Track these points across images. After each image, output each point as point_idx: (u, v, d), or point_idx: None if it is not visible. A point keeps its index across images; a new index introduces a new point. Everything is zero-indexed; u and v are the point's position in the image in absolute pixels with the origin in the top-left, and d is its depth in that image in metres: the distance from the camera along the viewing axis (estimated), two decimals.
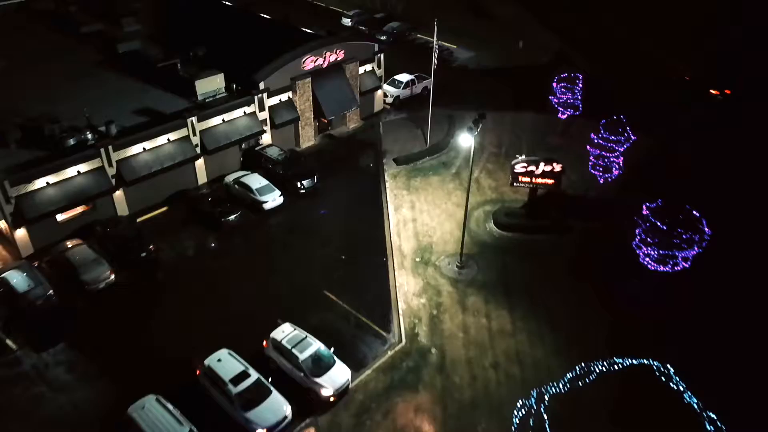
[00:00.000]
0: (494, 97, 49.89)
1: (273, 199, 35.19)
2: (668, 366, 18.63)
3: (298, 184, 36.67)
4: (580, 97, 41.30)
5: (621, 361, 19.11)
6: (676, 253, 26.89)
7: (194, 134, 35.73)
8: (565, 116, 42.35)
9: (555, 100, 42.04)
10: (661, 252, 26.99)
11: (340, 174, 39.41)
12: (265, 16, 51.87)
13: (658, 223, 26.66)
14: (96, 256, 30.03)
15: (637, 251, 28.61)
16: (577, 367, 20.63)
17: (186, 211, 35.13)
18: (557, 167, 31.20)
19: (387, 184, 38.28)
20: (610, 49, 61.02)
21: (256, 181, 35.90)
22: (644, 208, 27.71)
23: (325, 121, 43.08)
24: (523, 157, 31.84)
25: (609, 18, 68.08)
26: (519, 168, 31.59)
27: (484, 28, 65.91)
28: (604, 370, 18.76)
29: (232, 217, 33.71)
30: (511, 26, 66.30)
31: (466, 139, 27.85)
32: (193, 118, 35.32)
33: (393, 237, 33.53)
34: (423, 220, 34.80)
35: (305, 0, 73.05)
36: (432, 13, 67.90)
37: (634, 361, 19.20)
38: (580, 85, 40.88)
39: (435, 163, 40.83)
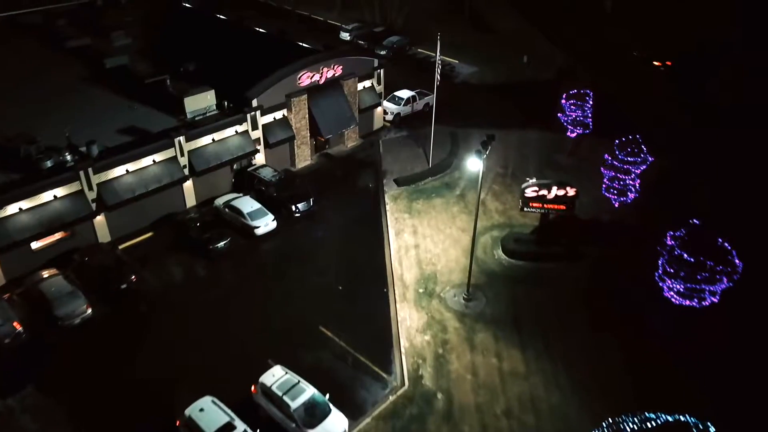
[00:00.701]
0: (498, 114, 47.94)
1: (265, 223, 32.93)
2: (708, 424, 16.43)
3: (293, 208, 34.43)
4: (590, 115, 39.25)
5: (653, 416, 16.91)
6: (704, 287, 24.61)
7: (182, 155, 33.55)
8: (574, 135, 40.28)
9: (564, 117, 40.00)
10: (687, 286, 24.70)
11: (338, 196, 37.20)
12: (260, 30, 50.00)
13: (684, 255, 24.41)
14: (72, 289, 27.67)
15: (660, 284, 26.34)
16: (604, 424, 18.35)
17: (173, 236, 32.85)
18: (571, 192, 29.00)
19: (387, 207, 36.06)
20: (615, 61, 59.34)
21: (247, 204, 33.65)
22: (668, 237, 25.48)
23: (322, 139, 40.98)
24: (534, 180, 29.64)
25: (612, 31, 66.50)
26: (529, 192, 29.37)
27: (486, 42, 64.16)
28: (635, 428, 16.61)
29: (221, 244, 31.39)
30: (514, 40, 64.59)
31: (474, 163, 25.64)
32: (181, 138, 33.15)
33: (394, 265, 31.22)
34: (426, 247, 32.52)
35: (302, 14, 71.42)
36: (432, 27, 66.65)
37: (669, 418, 16.94)
38: (591, 102, 38.84)
39: (438, 184, 38.63)
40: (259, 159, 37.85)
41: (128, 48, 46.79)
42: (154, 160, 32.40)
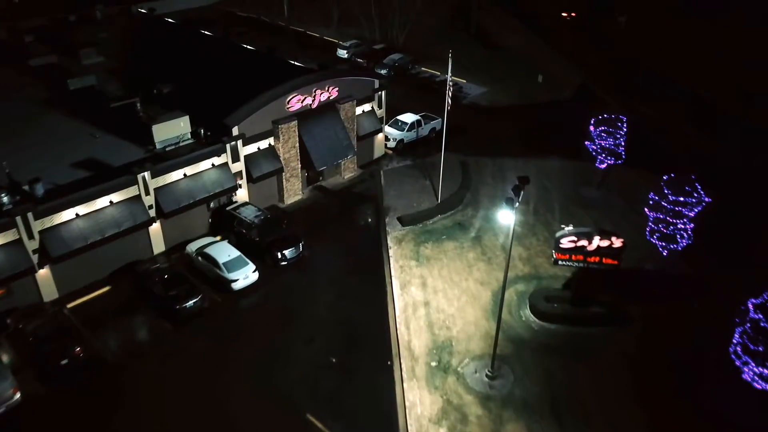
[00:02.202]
0: (513, 140, 42.90)
1: (245, 276, 27.50)
2: None
3: (279, 255, 29.03)
4: (623, 143, 34.10)
5: None
6: None
7: (147, 193, 28.24)
8: (604, 165, 35.09)
9: (592, 146, 34.84)
10: None
11: (332, 238, 31.81)
12: (248, 47, 45.06)
13: None
14: None
15: (737, 362, 20.91)
16: None
17: (134, 291, 27.42)
18: (617, 242, 23.59)
19: (390, 252, 30.66)
20: (634, 79, 54.63)
21: (223, 252, 28.25)
22: (750, 307, 20.09)
23: (315, 172, 35.72)
24: (570, 228, 24.25)
25: (627, 48, 61.87)
26: (566, 243, 23.96)
27: (495, 60, 59.39)
28: None
29: (191, 302, 25.90)
30: (524, 58, 59.87)
31: (506, 216, 20.29)
32: (146, 174, 27.86)
33: (400, 329, 25.72)
34: (438, 304, 27.04)
35: (297, 30, 66.78)
36: (436, 44, 61.97)
37: None
38: (625, 129, 33.70)
39: (449, 223, 33.27)
40: (241, 195, 32.54)
41: (99, 67, 41.85)
42: (111, 201, 27.06)
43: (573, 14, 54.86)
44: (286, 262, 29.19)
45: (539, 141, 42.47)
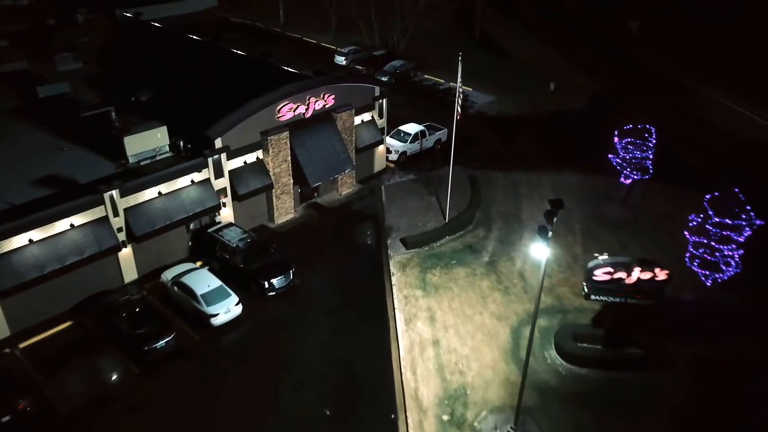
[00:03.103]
0: (525, 152, 39.56)
1: (226, 309, 23.93)
2: None
3: (265, 284, 25.48)
4: (651, 156, 30.72)
5: None
6: None
7: (115, 214, 24.75)
8: (629, 181, 31.68)
9: (617, 159, 31.47)
10: None
11: (328, 263, 28.26)
12: (238, 52, 41.82)
13: None
14: None
15: None
16: None
17: (99, 327, 23.83)
18: (661, 274, 20.09)
19: (394, 280, 27.15)
20: (649, 86, 51.50)
21: (202, 281, 24.68)
22: None
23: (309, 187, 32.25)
24: (605, 256, 20.74)
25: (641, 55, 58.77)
26: (600, 275, 20.43)
27: (501, 67, 56.17)
28: None
29: (161, 342, 22.33)
30: (532, 65, 56.69)
31: (540, 250, 16.79)
32: (114, 192, 24.38)
33: (405, 374, 22.11)
34: (449, 343, 23.44)
35: (293, 37, 63.67)
36: (440, 50, 58.79)
37: None
38: (654, 141, 30.32)
39: (458, 245, 29.77)
40: (226, 215, 29.06)
41: (76, 73, 38.62)
42: (72, 224, 23.55)
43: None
44: (274, 293, 25.62)
45: (553, 153, 39.15)
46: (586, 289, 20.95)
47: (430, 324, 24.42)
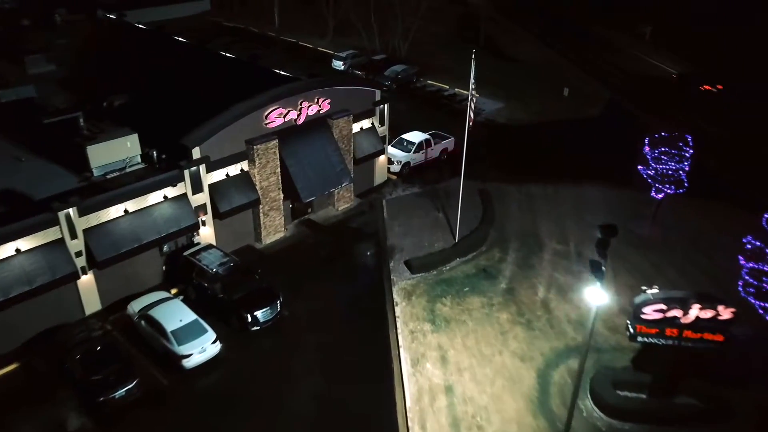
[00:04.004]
0: (540, 163, 36.13)
1: (201, 348, 20.29)
2: None
3: (248, 317, 21.86)
4: (687, 168, 27.28)
5: None
6: None
7: (73, 236, 21.18)
8: (662, 195, 28.21)
9: (647, 171, 28.02)
10: None
11: (321, 291, 24.61)
12: (226, 54, 38.42)
13: None
14: None
15: None
16: None
17: (51, 369, 20.18)
18: (725, 313, 16.51)
19: (398, 311, 23.51)
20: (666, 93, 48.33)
21: (173, 315, 21.03)
22: None
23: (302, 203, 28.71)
24: (655, 290, 17.15)
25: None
26: (650, 312, 16.84)
27: (509, 72, 52.87)
28: None
29: (121, 391, 18.67)
30: (541, 70, 53.49)
31: (596, 295, 13.21)
32: (71, 210, 20.84)
33: (413, 428, 18.44)
34: (465, 391, 19.77)
35: (289, 42, 60.45)
36: (443, 55, 55.56)
37: None
38: (691, 152, 26.88)
39: (471, 269, 26.17)
40: (206, 235, 25.48)
41: (48, 76, 35.21)
42: (18, 249, 19.97)
43: (718, 86, 46.51)
44: (258, 327, 21.99)
45: (570, 164, 35.72)
46: (632, 330, 17.34)
47: (442, 366, 20.76)
